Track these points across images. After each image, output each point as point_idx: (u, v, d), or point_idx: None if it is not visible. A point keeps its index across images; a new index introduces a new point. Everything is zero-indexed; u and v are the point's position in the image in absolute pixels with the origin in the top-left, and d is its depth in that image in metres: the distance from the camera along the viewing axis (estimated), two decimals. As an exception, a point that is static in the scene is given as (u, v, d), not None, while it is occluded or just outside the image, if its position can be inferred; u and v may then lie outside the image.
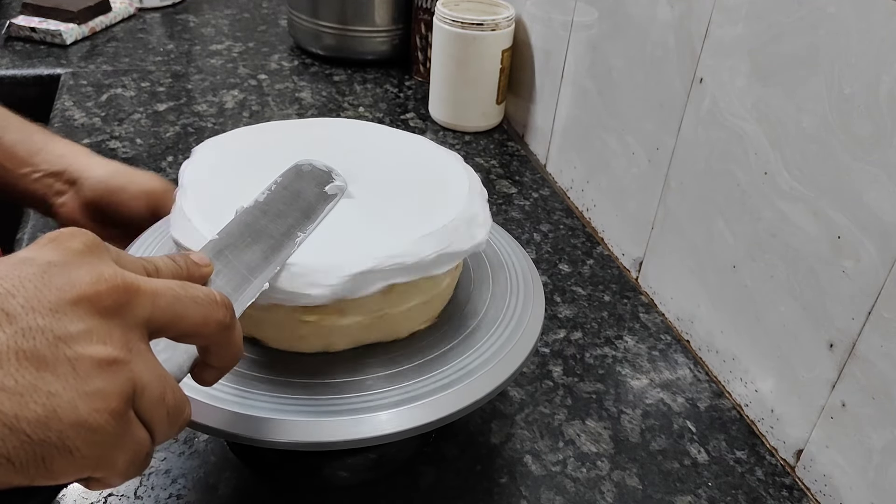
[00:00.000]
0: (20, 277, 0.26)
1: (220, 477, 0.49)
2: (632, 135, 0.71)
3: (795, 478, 0.54)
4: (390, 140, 0.52)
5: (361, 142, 0.51)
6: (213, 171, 0.46)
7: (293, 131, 0.53)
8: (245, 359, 0.42)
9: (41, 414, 0.24)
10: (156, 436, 0.29)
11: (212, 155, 0.48)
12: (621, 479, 0.52)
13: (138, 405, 0.27)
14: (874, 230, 0.45)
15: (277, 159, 0.45)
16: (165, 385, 0.29)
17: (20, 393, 0.24)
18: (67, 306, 0.26)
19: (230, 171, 0.47)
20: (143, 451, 0.28)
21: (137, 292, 0.28)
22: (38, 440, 0.24)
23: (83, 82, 0.99)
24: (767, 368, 0.56)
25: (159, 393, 0.28)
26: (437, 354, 0.44)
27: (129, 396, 0.27)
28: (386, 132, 0.54)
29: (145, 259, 0.32)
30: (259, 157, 0.47)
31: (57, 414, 0.25)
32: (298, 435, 0.38)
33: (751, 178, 0.55)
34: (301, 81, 1.06)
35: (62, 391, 0.25)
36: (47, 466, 0.25)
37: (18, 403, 0.24)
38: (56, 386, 0.25)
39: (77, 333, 0.26)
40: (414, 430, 0.39)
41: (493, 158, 0.91)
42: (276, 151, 0.47)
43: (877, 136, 0.45)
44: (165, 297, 0.29)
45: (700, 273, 0.63)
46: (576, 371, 0.61)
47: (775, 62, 0.52)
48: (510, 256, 0.52)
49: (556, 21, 0.83)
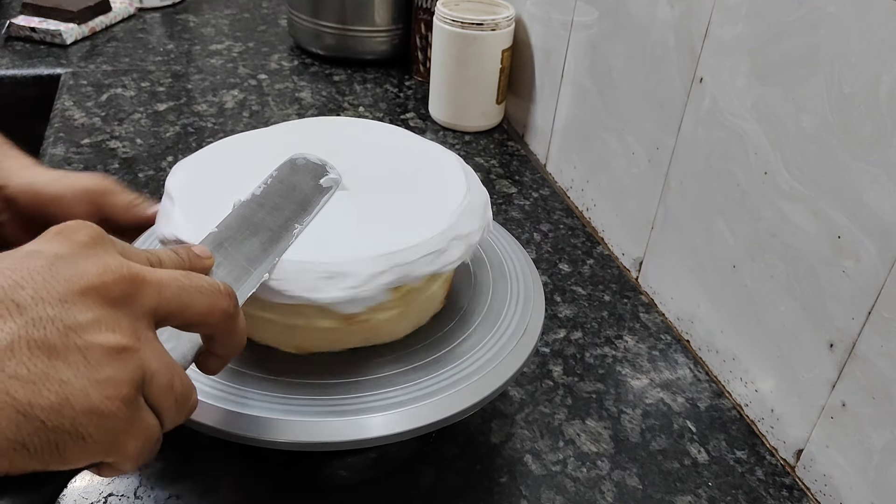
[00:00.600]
0: (28, 269, 0.26)
1: (220, 477, 0.49)
2: (632, 134, 0.71)
3: (795, 478, 0.54)
4: (382, 137, 0.52)
5: (353, 139, 0.51)
6: (203, 175, 0.46)
7: (272, 137, 0.52)
8: (245, 359, 0.42)
9: (54, 401, 0.25)
10: (164, 422, 0.30)
11: (205, 158, 0.48)
12: (621, 478, 0.52)
13: (147, 392, 0.28)
14: (874, 230, 0.45)
15: (265, 162, 0.45)
16: (173, 372, 0.29)
17: (33, 381, 0.25)
18: (76, 296, 0.26)
19: (221, 173, 0.47)
20: (153, 436, 0.29)
21: (143, 282, 0.28)
22: (52, 427, 0.25)
23: (83, 82, 0.99)
24: (767, 368, 0.56)
25: (167, 380, 0.29)
26: (438, 355, 0.44)
27: (139, 383, 0.27)
28: (375, 128, 0.53)
29: (149, 251, 0.32)
30: (249, 161, 0.48)
31: (69, 401, 0.25)
32: (298, 435, 0.38)
33: (751, 178, 0.55)
34: (301, 81, 1.06)
35: (74, 379, 0.25)
36: (61, 452, 0.26)
37: (32, 391, 0.24)
38: (68, 374, 0.25)
39: (86, 323, 0.26)
40: (415, 431, 0.39)
41: (492, 158, 0.91)
42: (264, 155, 0.47)
43: (877, 136, 0.45)
44: (171, 287, 0.29)
45: (700, 273, 0.63)
46: (576, 371, 0.61)
47: (775, 62, 0.52)
48: (510, 256, 0.52)
49: (556, 21, 0.83)
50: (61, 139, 0.85)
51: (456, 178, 0.47)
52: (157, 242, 0.50)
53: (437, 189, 0.46)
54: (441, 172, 0.48)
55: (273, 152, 0.46)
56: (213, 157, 0.48)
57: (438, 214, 0.43)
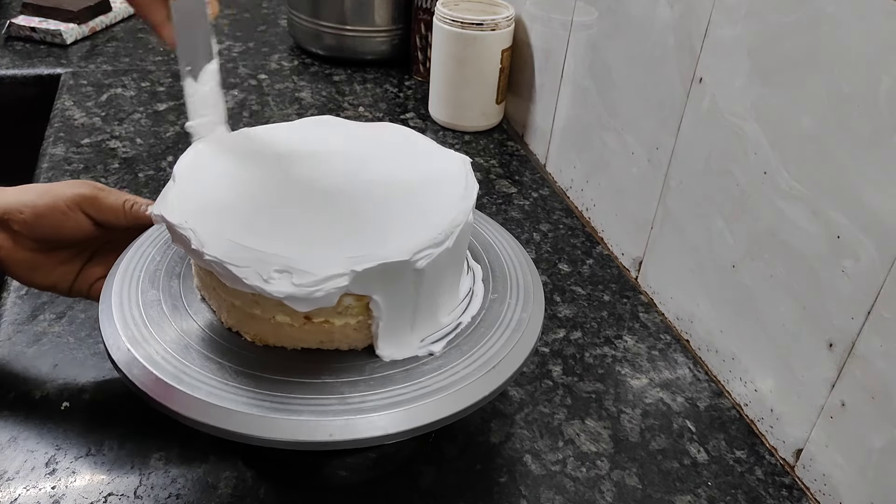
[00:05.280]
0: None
1: (219, 476, 0.49)
2: (631, 134, 0.71)
3: (795, 477, 0.54)
4: (397, 139, 0.52)
5: (373, 140, 0.52)
6: (204, 164, 0.47)
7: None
8: (245, 358, 0.42)
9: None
10: None
11: (206, 150, 0.49)
12: (621, 478, 0.52)
13: None
14: (874, 230, 0.46)
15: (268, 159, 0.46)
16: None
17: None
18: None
19: (220, 164, 0.47)
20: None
21: None
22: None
23: (83, 82, 0.99)
24: (767, 368, 0.56)
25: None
26: (437, 354, 0.44)
27: None
28: (397, 131, 0.53)
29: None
30: (260, 151, 0.49)
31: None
32: (298, 434, 0.38)
33: (750, 178, 0.55)
34: (301, 81, 1.06)
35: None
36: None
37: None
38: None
39: None
40: (415, 431, 0.39)
41: (492, 158, 0.91)
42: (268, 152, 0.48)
43: (876, 135, 0.45)
44: None
45: (700, 272, 0.63)
46: (575, 371, 0.61)
47: (775, 62, 0.52)
48: (510, 256, 0.52)
49: (556, 21, 0.83)
50: (61, 139, 0.85)
51: (456, 191, 0.46)
52: (154, 247, 0.51)
53: (434, 200, 0.45)
54: (441, 182, 0.46)
55: (293, 144, 0.48)
56: (228, 143, 0.49)
57: (426, 225, 0.42)
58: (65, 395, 0.54)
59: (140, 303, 0.45)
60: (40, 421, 0.52)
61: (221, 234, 0.40)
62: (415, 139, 0.52)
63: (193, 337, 0.43)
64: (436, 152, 0.50)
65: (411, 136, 0.52)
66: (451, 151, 0.50)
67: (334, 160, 0.48)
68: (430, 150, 0.50)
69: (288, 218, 0.42)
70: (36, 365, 0.56)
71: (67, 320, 0.60)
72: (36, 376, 0.55)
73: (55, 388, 0.54)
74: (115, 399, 0.54)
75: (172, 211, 0.42)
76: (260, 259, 0.39)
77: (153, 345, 0.42)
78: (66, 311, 0.61)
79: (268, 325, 0.42)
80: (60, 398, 0.53)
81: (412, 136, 0.52)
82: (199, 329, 0.44)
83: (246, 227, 0.41)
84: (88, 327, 0.59)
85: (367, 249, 0.40)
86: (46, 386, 0.54)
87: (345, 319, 0.42)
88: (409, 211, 0.43)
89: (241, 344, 0.43)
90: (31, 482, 0.47)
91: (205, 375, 0.40)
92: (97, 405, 0.53)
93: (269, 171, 0.46)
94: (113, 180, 0.79)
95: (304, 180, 0.46)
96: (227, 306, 0.43)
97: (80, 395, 0.54)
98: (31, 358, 0.56)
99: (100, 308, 0.45)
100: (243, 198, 0.44)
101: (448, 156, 0.49)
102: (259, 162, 0.47)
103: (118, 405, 0.53)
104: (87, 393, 0.54)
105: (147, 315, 0.44)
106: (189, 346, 0.43)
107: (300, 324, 0.42)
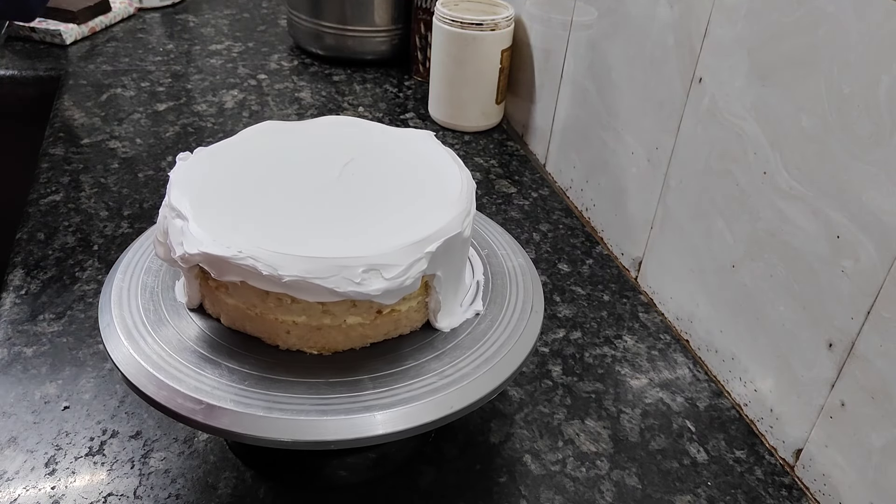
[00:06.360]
0: None
1: (219, 477, 0.49)
2: (631, 134, 0.71)
3: (795, 477, 0.54)
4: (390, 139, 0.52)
5: (366, 139, 0.52)
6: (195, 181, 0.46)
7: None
8: (245, 358, 0.42)
9: None
10: None
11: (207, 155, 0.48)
12: (620, 478, 0.52)
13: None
14: (874, 230, 0.46)
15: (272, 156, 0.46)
16: None
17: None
18: None
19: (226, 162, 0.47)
20: None
21: None
22: None
23: (83, 82, 0.99)
24: (767, 368, 0.56)
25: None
26: (437, 354, 0.44)
27: None
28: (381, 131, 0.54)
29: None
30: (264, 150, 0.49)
31: None
32: (298, 434, 0.38)
33: (750, 178, 0.55)
34: (301, 81, 1.06)
35: None
36: None
37: None
38: None
39: None
40: (414, 430, 0.39)
41: (492, 158, 0.91)
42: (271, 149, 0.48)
43: (876, 135, 0.45)
44: None
45: (699, 272, 0.63)
46: (575, 371, 0.61)
47: (774, 62, 0.52)
48: (510, 256, 0.52)
49: (556, 21, 0.84)
50: (61, 139, 0.85)
51: (450, 167, 0.48)
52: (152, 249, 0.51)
53: (435, 180, 0.47)
54: (434, 165, 0.49)
55: (298, 145, 0.49)
56: (229, 145, 0.50)
57: (446, 201, 0.45)
58: (65, 395, 0.54)
59: (140, 303, 0.45)
60: (40, 421, 0.52)
61: (278, 251, 0.39)
62: (433, 146, 0.51)
63: (193, 337, 0.43)
64: (445, 165, 0.49)
65: (430, 142, 0.52)
66: (459, 167, 0.49)
67: (338, 157, 0.48)
68: (442, 160, 0.50)
69: (320, 217, 0.43)
70: (36, 365, 0.56)
71: (67, 320, 0.60)
72: (36, 376, 0.55)
73: (55, 388, 0.54)
74: (115, 399, 0.54)
75: (212, 244, 0.39)
76: (341, 265, 0.39)
77: (153, 345, 0.42)
78: (65, 311, 0.61)
79: (338, 331, 0.42)
80: (60, 398, 0.53)
81: (430, 142, 0.52)
82: (199, 329, 0.44)
83: (293, 237, 0.40)
84: (88, 327, 0.59)
85: (424, 231, 0.41)
86: (46, 386, 0.54)
87: (408, 303, 0.43)
88: (427, 192, 0.46)
89: (241, 344, 0.43)
90: (31, 482, 0.48)
91: (204, 375, 0.40)
92: (97, 405, 0.53)
93: (277, 173, 0.47)
94: (113, 180, 0.79)
95: (315, 178, 0.46)
96: (286, 328, 0.42)
97: (80, 395, 0.54)
98: (31, 358, 0.56)
99: (100, 308, 0.45)
100: (264, 208, 0.43)
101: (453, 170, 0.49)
102: (259, 164, 0.47)
103: (118, 405, 0.53)
104: (87, 393, 0.54)
105: (147, 315, 0.44)
106: (189, 346, 0.43)
107: (371, 320, 0.42)
